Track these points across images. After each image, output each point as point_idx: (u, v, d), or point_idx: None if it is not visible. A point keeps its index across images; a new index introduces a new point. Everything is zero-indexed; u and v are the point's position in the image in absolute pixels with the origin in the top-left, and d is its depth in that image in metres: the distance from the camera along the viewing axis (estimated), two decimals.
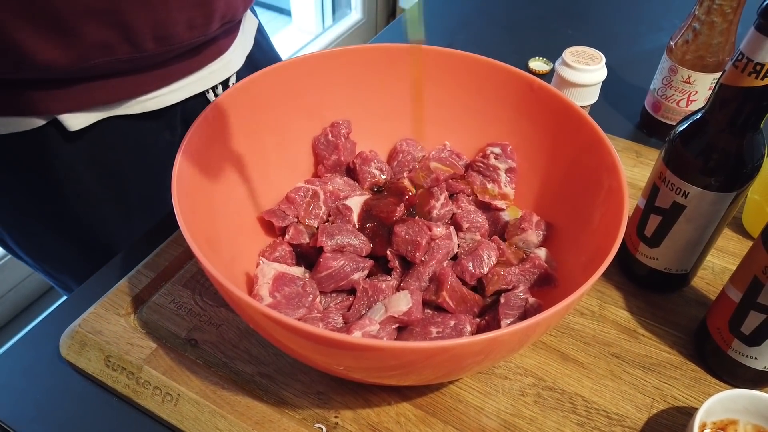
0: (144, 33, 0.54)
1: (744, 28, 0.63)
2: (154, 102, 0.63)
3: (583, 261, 0.48)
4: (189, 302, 0.55)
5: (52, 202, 0.66)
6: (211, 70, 0.66)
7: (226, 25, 0.63)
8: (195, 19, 0.57)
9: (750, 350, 0.48)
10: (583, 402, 0.50)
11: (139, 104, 0.62)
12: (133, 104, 0.61)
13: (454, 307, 0.49)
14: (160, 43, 0.56)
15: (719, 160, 0.47)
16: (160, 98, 0.63)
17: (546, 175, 0.58)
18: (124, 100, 0.60)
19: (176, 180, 0.45)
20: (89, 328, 0.53)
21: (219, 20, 0.60)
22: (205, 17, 0.58)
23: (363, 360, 0.40)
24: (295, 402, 0.49)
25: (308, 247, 0.54)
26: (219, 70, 0.67)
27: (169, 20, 0.55)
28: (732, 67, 0.43)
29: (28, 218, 0.67)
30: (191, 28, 0.58)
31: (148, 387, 0.50)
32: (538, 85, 0.55)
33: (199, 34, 0.59)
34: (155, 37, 0.55)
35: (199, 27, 0.58)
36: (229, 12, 0.61)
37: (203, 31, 0.59)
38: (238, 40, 0.69)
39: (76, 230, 0.68)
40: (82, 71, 0.55)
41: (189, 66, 0.63)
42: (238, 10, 0.63)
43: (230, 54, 0.68)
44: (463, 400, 0.49)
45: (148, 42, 0.55)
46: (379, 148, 0.63)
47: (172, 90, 0.63)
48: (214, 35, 0.63)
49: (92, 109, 0.59)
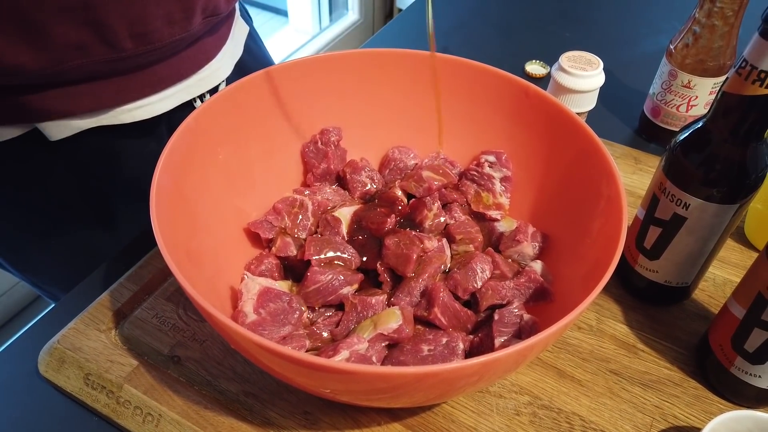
0: (120, 31, 0.51)
1: (745, 32, 0.61)
2: (141, 111, 0.60)
3: (580, 274, 0.47)
4: (172, 317, 0.54)
5: (35, 213, 0.64)
6: (199, 78, 0.63)
7: (209, 19, 0.60)
8: (174, 14, 0.54)
9: (754, 368, 0.46)
10: (581, 421, 0.48)
11: (124, 113, 0.59)
12: (118, 113, 0.59)
13: (447, 324, 0.48)
14: (139, 41, 0.53)
15: (721, 171, 0.45)
16: (147, 107, 0.60)
17: (542, 184, 0.56)
18: (109, 109, 0.58)
19: (155, 191, 0.43)
20: (68, 345, 0.51)
21: (200, 14, 0.57)
22: (184, 11, 0.55)
23: (350, 384, 0.38)
24: (282, 423, 0.47)
25: (296, 260, 0.52)
26: (207, 78, 0.64)
27: (146, 16, 0.52)
28: (735, 74, 0.42)
29: (13, 230, 0.65)
30: (171, 23, 0.55)
31: (128, 406, 0.48)
32: (534, 92, 0.54)
33: (181, 31, 0.56)
34: (132, 34, 0.53)
35: (179, 22, 0.55)
36: (210, 4, 0.58)
37: (185, 27, 0.56)
38: (227, 47, 0.67)
39: (62, 242, 0.66)
40: (59, 75, 0.52)
41: (175, 71, 0.61)
42: (220, 2, 0.60)
43: (218, 61, 0.65)
44: (456, 420, 0.47)
45: (126, 41, 0.52)
46: (371, 155, 0.62)
47: (159, 99, 0.61)
48: (198, 34, 0.60)
49: (75, 117, 0.56)
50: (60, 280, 0.72)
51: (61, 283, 0.72)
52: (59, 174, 0.61)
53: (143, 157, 0.64)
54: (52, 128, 0.56)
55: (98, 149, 0.61)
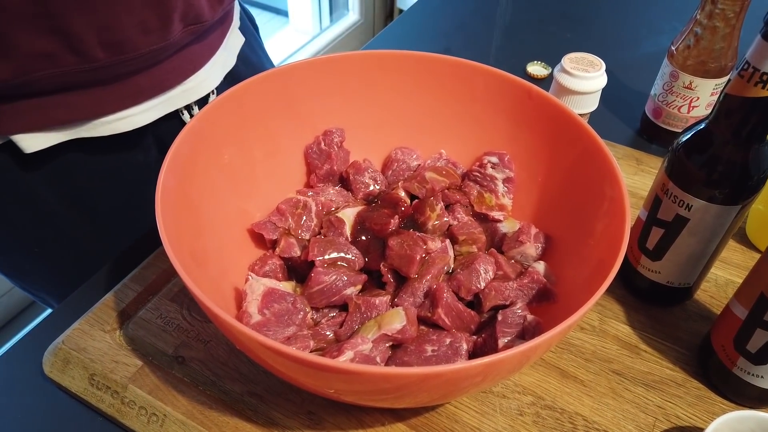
0: (88, 39, 0.49)
1: (747, 33, 0.62)
2: (123, 123, 0.57)
3: (583, 275, 0.47)
4: (177, 317, 0.54)
5: (18, 224, 0.62)
6: (183, 89, 0.60)
7: (192, 28, 0.56)
8: (148, 22, 0.51)
9: (756, 369, 0.46)
10: (584, 422, 0.48)
11: (104, 126, 0.56)
12: (97, 125, 0.56)
13: (450, 325, 0.48)
14: (111, 51, 0.51)
15: (724, 172, 0.45)
16: (129, 119, 0.57)
17: (545, 185, 0.56)
18: (86, 120, 0.55)
19: (160, 192, 0.43)
20: (73, 345, 0.51)
21: (179, 22, 0.54)
22: (160, 19, 0.52)
23: (354, 384, 0.38)
24: (286, 423, 0.47)
25: (299, 261, 0.53)
26: (192, 89, 0.61)
27: (116, 24, 0.49)
28: (737, 76, 0.42)
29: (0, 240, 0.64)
30: (146, 32, 0.52)
31: (133, 407, 0.48)
32: (537, 93, 0.54)
33: (159, 40, 0.53)
34: (103, 43, 0.50)
35: (155, 31, 0.53)
36: (190, 12, 0.55)
37: (162, 36, 0.53)
38: (218, 57, 0.64)
39: (47, 251, 0.65)
40: (28, 85, 0.50)
41: (157, 82, 0.58)
42: (203, 10, 0.57)
43: (206, 71, 0.62)
44: (460, 420, 0.48)
45: (96, 50, 0.50)
46: (373, 156, 0.62)
47: (140, 111, 0.58)
48: (181, 43, 0.57)
49: (50, 129, 0.54)
50: (48, 286, 0.70)
51: (50, 288, 0.71)
52: (37, 186, 0.59)
53: (130, 168, 0.62)
54: (27, 140, 0.53)
55: (77, 162, 0.59)
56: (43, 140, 0.54)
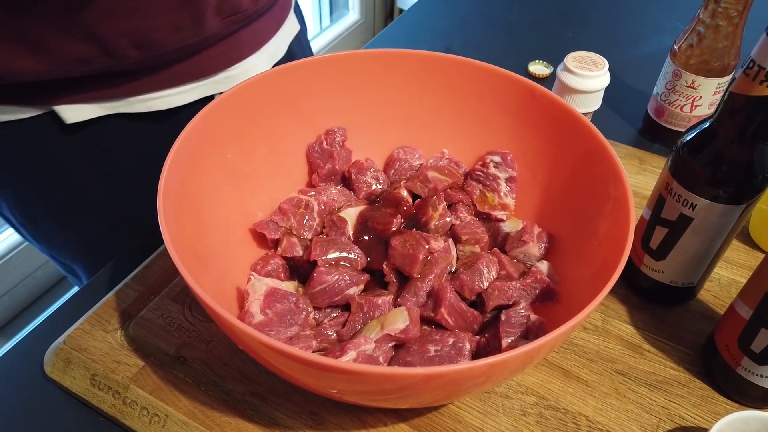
0: (121, 43, 0.51)
1: (749, 32, 0.62)
2: (160, 102, 0.59)
3: (587, 275, 0.47)
4: (178, 317, 0.53)
5: (51, 194, 0.64)
6: (227, 75, 0.62)
7: (231, 18, 0.58)
8: (180, 22, 0.54)
9: (760, 369, 0.46)
10: (587, 422, 0.48)
11: (143, 103, 0.58)
12: (133, 102, 0.58)
13: (453, 325, 0.47)
14: (143, 50, 0.53)
15: (728, 172, 0.45)
16: (167, 98, 0.59)
17: (548, 184, 0.56)
18: (127, 96, 0.57)
19: (162, 191, 0.43)
20: (74, 345, 0.51)
21: (215, 17, 0.56)
22: (192, 18, 0.54)
23: (357, 384, 0.38)
24: (288, 423, 0.47)
25: (302, 261, 0.52)
26: (237, 76, 0.63)
27: (146, 26, 0.52)
28: (742, 75, 0.42)
29: (33, 207, 0.65)
30: (178, 30, 0.54)
31: (135, 407, 0.48)
32: (540, 92, 0.54)
33: (191, 36, 0.55)
34: (135, 44, 0.52)
35: (187, 28, 0.55)
36: (226, 5, 0.56)
37: (196, 32, 0.56)
38: (269, 46, 0.65)
39: (77, 221, 0.66)
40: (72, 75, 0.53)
41: (197, 68, 0.60)
42: (241, 2, 0.58)
43: (254, 59, 0.63)
44: (462, 421, 0.47)
45: (129, 50, 0.52)
46: (376, 156, 0.62)
47: (177, 92, 0.60)
48: (222, 34, 0.58)
49: (92, 102, 0.56)
50: (76, 257, 0.72)
51: (78, 259, 0.72)
52: (72, 157, 0.61)
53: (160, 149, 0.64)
54: (68, 111, 0.56)
55: (114, 137, 0.61)
56: (84, 112, 0.57)
